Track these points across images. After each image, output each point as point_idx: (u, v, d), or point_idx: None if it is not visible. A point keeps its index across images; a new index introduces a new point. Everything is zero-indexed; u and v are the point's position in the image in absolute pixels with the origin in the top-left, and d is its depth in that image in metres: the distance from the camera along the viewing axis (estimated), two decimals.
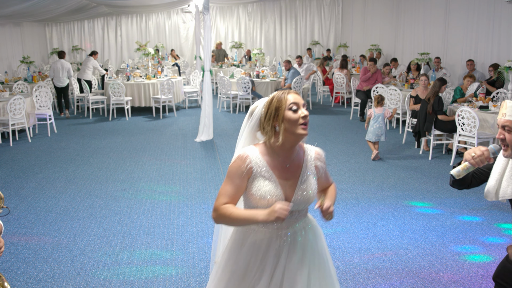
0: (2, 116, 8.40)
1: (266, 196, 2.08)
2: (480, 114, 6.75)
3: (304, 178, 2.16)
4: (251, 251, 2.15)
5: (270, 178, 2.11)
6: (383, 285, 3.62)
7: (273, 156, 2.15)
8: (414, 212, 5.10)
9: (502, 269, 2.27)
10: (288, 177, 2.14)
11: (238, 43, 18.65)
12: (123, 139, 8.64)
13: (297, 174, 2.16)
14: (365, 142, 8.19)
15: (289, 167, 2.15)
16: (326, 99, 13.28)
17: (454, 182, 2.28)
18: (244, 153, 2.13)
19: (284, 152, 2.15)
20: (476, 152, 2.09)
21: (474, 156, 2.08)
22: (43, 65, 16.14)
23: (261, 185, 2.10)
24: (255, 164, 2.11)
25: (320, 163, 2.25)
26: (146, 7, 14.77)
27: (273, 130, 2.13)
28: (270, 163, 2.13)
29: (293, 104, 2.08)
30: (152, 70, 12.72)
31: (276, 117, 2.11)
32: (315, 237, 2.26)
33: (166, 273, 3.83)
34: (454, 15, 11.33)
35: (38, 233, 4.61)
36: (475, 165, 2.10)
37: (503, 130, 2.09)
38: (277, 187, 2.10)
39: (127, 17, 18.37)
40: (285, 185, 2.13)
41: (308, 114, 2.10)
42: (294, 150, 2.18)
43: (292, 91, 2.15)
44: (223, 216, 2.08)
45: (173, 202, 5.44)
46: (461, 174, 2.15)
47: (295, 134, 2.09)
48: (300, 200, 2.14)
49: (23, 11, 11.58)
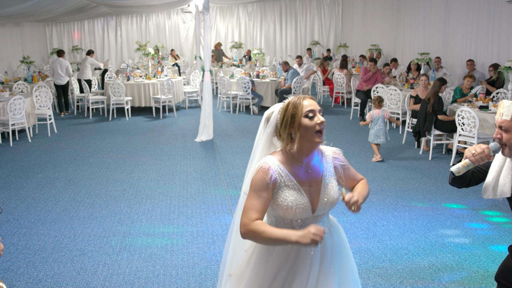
0: (2, 116, 8.40)
1: (293, 206, 2.06)
2: (480, 114, 6.74)
3: (326, 182, 2.16)
4: (280, 259, 2.11)
5: (294, 187, 2.09)
6: (383, 285, 3.62)
7: (292, 163, 2.13)
8: (414, 212, 5.10)
9: (504, 269, 2.27)
10: (311, 183, 2.13)
11: (238, 43, 18.65)
12: (123, 139, 8.64)
13: (319, 179, 2.15)
14: (365, 142, 8.20)
15: (310, 173, 2.14)
16: (326, 99, 13.28)
17: (454, 180, 2.27)
18: (266, 163, 2.10)
19: (303, 158, 2.14)
20: (476, 149, 2.09)
21: (474, 154, 2.08)
22: (43, 65, 16.15)
23: (286, 195, 2.07)
24: (278, 175, 2.08)
25: (339, 162, 2.25)
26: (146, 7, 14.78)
27: (289, 137, 2.12)
28: (292, 172, 2.11)
29: (309, 111, 2.07)
30: (152, 70, 12.72)
31: (292, 124, 2.09)
32: (340, 237, 2.29)
33: (166, 273, 3.83)
34: (454, 15, 11.33)
35: (38, 233, 4.61)
36: (475, 163, 2.10)
37: (500, 129, 2.09)
38: (302, 195, 2.09)
39: (127, 17, 18.37)
40: (309, 192, 2.12)
41: (324, 121, 2.10)
42: (313, 155, 2.17)
43: (307, 97, 2.14)
44: (254, 233, 2.00)
45: (173, 202, 5.44)
46: (461, 171, 2.15)
47: (311, 141, 2.09)
48: (325, 204, 2.14)
49: (23, 11, 11.58)
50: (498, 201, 5.34)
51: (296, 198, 2.07)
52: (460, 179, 2.25)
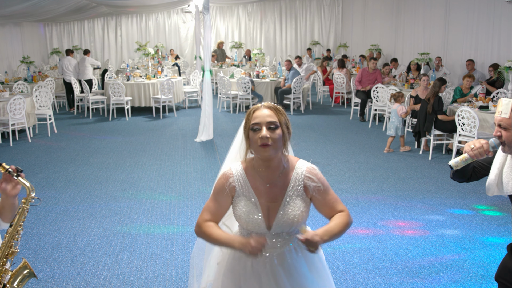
0: (2, 116, 8.40)
1: (245, 218, 2.01)
2: (480, 114, 6.74)
3: (287, 200, 2.01)
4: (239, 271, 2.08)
5: (251, 198, 2.02)
6: (383, 285, 3.62)
7: (255, 174, 2.04)
8: (414, 212, 5.10)
9: (504, 269, 2.27)
10: (271, 199, 2.02)
11: (238, 43, 18.65)
12: (123, 139, 8.64)
13: (281, 196, 2.02)
14: (365, 142, 8.21)
15: (271, 187, 2.02)
16: (326, 99, 13.27)
17: (455, 175, 2.27)
18: (229, 170, 2.07)
19: (264, 170, 2.03)
20: (475, 144, 2.08)
21: (473, 148, 2.08)
22: (43, 65, 16.14)
23: (242, 205, 2.02)
24: (238, 184, 2.04)
25: (311, 182, 2.03)
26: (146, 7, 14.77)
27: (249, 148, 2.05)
28: (253, 183, 2.03)
29: (254, 124, 1.96)
30: (152, 70, 12.72)
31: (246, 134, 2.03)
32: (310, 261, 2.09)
33: (166, 273, 3.83)
34: (454, 15, 11.33)
35: (38, 233, 4.61)
36: (474, 157, 2.09)
37: (499, 127, 2.09)
38: (257, 209, 2.00)
39: (127, 17, 18.36)
40: (266, 207, 2.01)
41: (268, 136, 1.93)
42: (277, 169, 2.03)
43: (263, 106, 2.01)
44: (204, 233, 2.03)
45: (173, 202, 5.44)
46: (459, 165, 2.13)
47: (258, 155, 2.00)
48: (283, 223, 2.00)
49: (23, 11, 11.58)
50: (498, 201, 5.34)
51: (249, 210, 2.00)
52: (461, 173, 2.24)
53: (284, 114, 2.03)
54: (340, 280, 3.69)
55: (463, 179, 2.29)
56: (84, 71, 11.59)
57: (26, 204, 2.01)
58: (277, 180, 2.03)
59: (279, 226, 2.01)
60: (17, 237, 2.00)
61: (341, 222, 2.02)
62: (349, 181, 6.13)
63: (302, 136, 8.62)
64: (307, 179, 2.03)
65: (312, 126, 9.58)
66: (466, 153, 2.11)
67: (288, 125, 2.03)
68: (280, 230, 2.02)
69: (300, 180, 2.03)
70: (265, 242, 1.87)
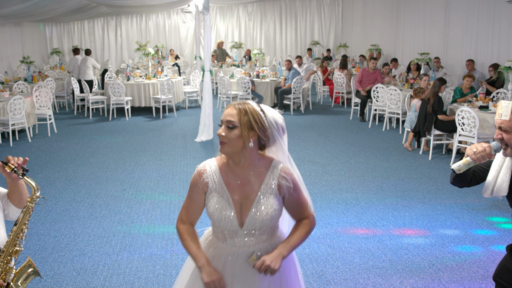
0: (2, 116, 8.40)
1: (217, 214, 2.03)
2: (480, 114, 6.75)
3: (260, 197, 2.02)
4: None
5: (223, 195, 2.04)
6: (383, 285, 3.62)
7: (228, 171, 2.07)
8: (414, 212, 5.10)
9: (502, 269, 2.27)
10: (244, 196, 2.03)
11: (238, 43, 18.65)
12: (123, 139, 8.64)
13: (254, 193, 2.03)
14: (365, 142, 8.21)
15: (244, 184, 2.04)
16: (326, 99, 13.27)
17: (455, 179, 2.26)
18: (203, 166, 2.09)
19: (234, 167, 2.05)
20: (478, 147, 2.08)
21: (475, 152, 2.07)
22: (43, 65, 16.14)
23: (215, 201, 2.04)
24: (211, 180, 2.06)
25: (285, 182, 2.03)
26: (146, 7, 14.77)
27: None
28: (226, 179, 2.06)
29: (221, 121, 2.03)
30: (152, 70, 12.72)
31: None
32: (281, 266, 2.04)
33: (166, 273, 3.83)
34: (454, 15, 11.33)
35: (38, 233, 4.61)
36: (476, 161, 2.09)
37: (500, 130, 2.09)
38: (229, 206, 2.02)
39: (127, 17, 18.36)
40: (240, 204, 2.03)
41: (224, 134, 1.97)
42: (248, 166, 2.04)
43: (232, 105, 2.02)
44: (179, 235, 2.14)
45: (173, 202, 5.44)
46: (462, 168, 2.13)
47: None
48: (255, 220, 2.01)
49: (23, 11, 11.58)
50: (499, 201, 5.34)
51: (222, 206, 2.02)
52: (461, 178, 2.24)
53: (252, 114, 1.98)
54: (340, 280, 3.69)
55: (464, 184, 2.28)
56: (86, 71, 11.60)
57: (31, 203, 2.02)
58: (249, 177, 2.04)
59: (251, 224, 2.02)
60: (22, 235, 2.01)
61: (302, 233, 2.08)
62: (349, 181, 6.13)
63: (302, 136, 8.62)
64: (281, 178, 2.04)
65: (312, 126, 9.58)
66: (469, 157, 2.10)
67: (254, 126, 1.97)
68: (252, 228, 2.03)
69: (275, 179, 2.04)
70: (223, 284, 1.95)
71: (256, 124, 1.98)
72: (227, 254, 2.07)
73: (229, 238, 2.07)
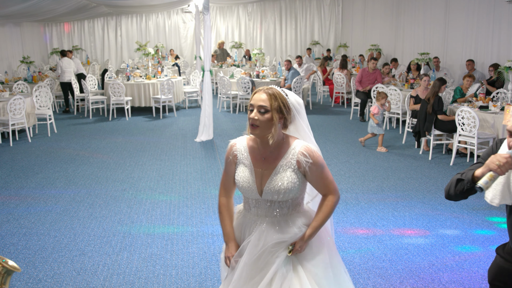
0: (2, 116, 8.40)
1: (240, 181, 2.29)
2: (480, 114, 6.75)
3: (278, 169, 2.23)
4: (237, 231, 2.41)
5: (248, 165, 2.30)
6: (383, 285, 3.62)
7: (255, 148, 2.31)
8: (414, 212, 5.10)
9: (498, 271, 2.23)
10: (265, 167, 2.26)
11: (238, 43, 18.65)
12: (123, 139, 8.64)
13: (274, 166, 2.25)
14: (365, 142, 8.19)
15: (268, 159, 2.26)
16: (326, 99, 13.27)
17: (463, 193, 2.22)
18: (234, 142, 2.38)
19: (260, 145, 2.29)
20: (500, 160, 1.98)
21: (499, 165, 1.97)
22: (43, 65, 16.14)
23: (240, 170, 2.31)
24: (239, 152, 2.33)
25: (304, 158, 2.20)
26: (146, 7, 14.77)
27: None
28: (251, 153, 2.31)
29: (250, 105, 2.23)
30: (152, 70, 12.72)
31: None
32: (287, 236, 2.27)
33: (166, 273, 3.83)
34: (454, 15, 11.33)
35: (38, 233, 4.61)
36: (501, 174, 2.00)
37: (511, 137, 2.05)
38: (251, 174, 2.27)
39: (127, 17, 18.37)
40: (260, 174, 2.26)
41: (257, 118, 2.17)
42: (273, 145, 2.25)
43: (261, 90, 2.21)
44: (218, 208, 2.46)
45: (173, 202, 5.44)
46: (489, 184, 2.04)
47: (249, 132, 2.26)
48: (270, 189, 2.22)
49: (23, 11, 11.57)
50: None
51: (245, 175, 2.28)
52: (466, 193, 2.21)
53: (281, 99, 2.20)
54: None
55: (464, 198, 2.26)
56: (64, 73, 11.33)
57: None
58: (273, 154, 2.26)
59: (268, 193, 2.23)
60: None
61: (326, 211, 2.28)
62: (349, 181, 6.13)
63: None
64: (300, 154, 2.21)
65: (312, 126, 9.45)
66: (492, 171, 2.01)
67: (283, 110, 2.21)
68: (270, 197, 2.24)
69: (294, 156, 2.23)
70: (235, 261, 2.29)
71: (284, 108, 2.21)
72: (249, 221, 2.33)
73: (253, 207, 2.33)
